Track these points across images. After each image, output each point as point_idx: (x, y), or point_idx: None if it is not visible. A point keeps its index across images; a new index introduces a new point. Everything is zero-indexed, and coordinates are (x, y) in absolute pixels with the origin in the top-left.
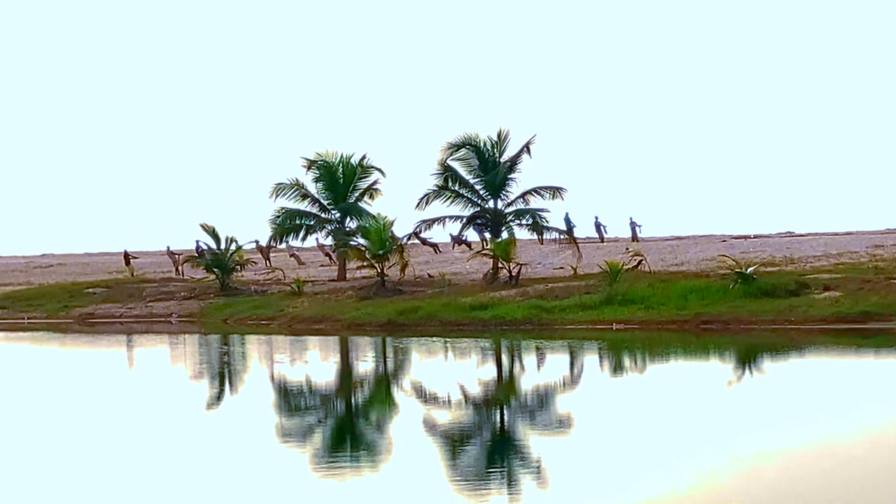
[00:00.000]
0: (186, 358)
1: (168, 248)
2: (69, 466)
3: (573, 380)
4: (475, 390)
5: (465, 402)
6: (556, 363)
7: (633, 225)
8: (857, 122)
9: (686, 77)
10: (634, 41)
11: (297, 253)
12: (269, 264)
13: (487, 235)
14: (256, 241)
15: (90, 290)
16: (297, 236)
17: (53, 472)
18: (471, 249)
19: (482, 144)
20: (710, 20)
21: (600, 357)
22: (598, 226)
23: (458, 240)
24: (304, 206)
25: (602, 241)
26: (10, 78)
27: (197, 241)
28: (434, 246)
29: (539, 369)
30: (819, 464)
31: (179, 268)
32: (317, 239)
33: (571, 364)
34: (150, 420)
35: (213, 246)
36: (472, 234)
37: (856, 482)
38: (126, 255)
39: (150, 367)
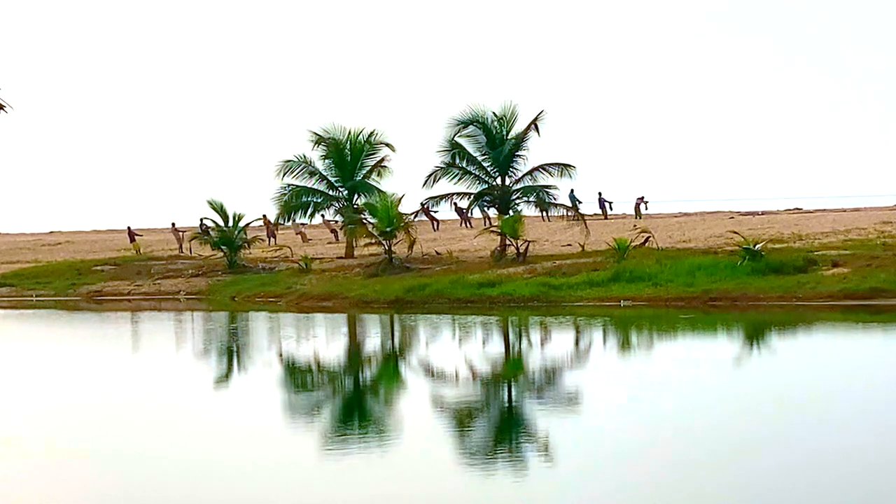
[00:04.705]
0: (194, 335)
1: (173, 224)
2: (82, 439)
3: (581, 356)
4: (483, 367)
5: (473, 378)
6: (564, 340)
7: (637, 203)
8: (867, 97)
9: (695, 52)
10: (640, 18)
11: (303, 230)
12: (273, 241)
13: (491, 213)
14: (264, 216)
15: (98, 267)
16: (304, 214)
17: (66, 444)
18: (471, 227)
19: (489, 121)
20: None
21: (608, 334)
22: (601, 202)
23: (461, 212)
24: (312, 183)
25: (605, 218)
26: (17, 58)
27: (201, 219)
28: (434, 220)
29: (547, 346)
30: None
31: (184, 245)
32: (322, 215)
33: (579, 341)
34: (159, 398)
35: (220, 223)
36: (474, 211)
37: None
38: (130, 232)
39: (158, 344)
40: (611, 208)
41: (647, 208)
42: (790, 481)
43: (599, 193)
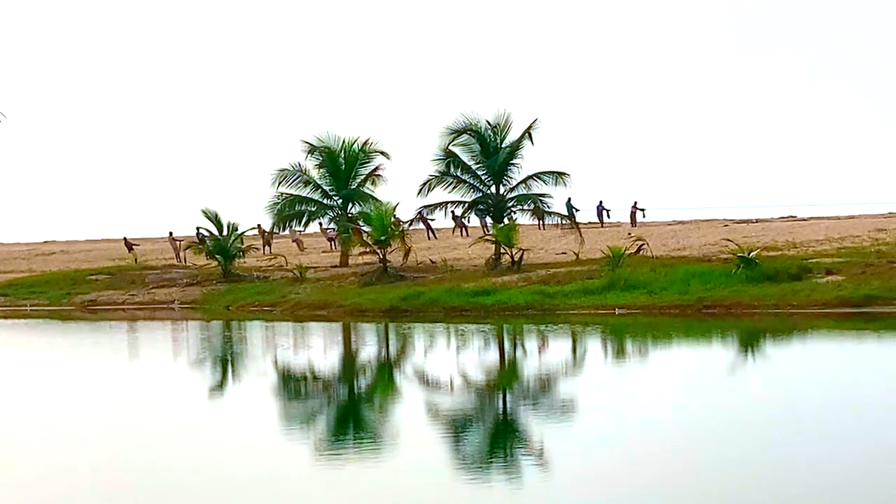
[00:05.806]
0: (189, 345)
1: (170, 233)
2: (77, 452)
3: (575, 365)
4: (478, 376)
5: (468, 387)
6: (559, 349)
7: (632, 210)
8: (861, 106)
9: (689, 61)
10: (635, 27)
11: (300, 238)
12: (268, 250)
13: (489, 221)
14: (259, 225)
15: (93, 276)
16: (298, 222)
17: (68, 454)
18: (467, 235)
19: (483, 130)
20: (708, 5)
21: (603, 342)
22: (600, 210)
23: (457, 220)
24: (306, 192)
25: (602, 226)
26: (13, 65)
27: (197, 228)
28: (431, 229)
29: (541, 354)
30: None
31: (180, 254)
32: (320, 223)
33: (574, 349)
34: (153, 408)
35: (215, 232)
36: (471, 219)
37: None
38: (126, 242)
39: (153, 354)
40: (608, 216)
41: (644, 216)
42: (788, 490)
43: (600, 202)
